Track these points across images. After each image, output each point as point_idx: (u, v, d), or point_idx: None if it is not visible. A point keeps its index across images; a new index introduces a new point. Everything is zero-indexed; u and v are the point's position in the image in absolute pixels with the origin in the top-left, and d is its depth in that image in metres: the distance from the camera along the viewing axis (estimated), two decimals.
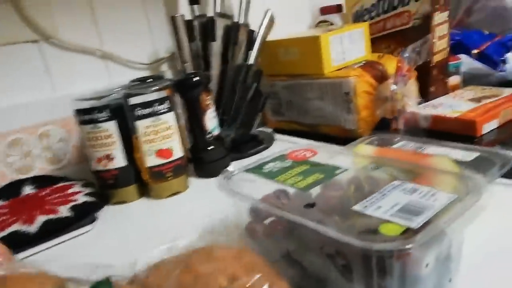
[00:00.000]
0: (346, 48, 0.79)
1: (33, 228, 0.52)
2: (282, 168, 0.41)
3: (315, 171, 0.39)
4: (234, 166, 0.55)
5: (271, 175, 0.39)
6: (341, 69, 0.76)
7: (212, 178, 0.65)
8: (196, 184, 0.64)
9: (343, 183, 0.36)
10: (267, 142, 0.78)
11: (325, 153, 0.43)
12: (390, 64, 0.77)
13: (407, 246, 0.25)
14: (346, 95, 0.73)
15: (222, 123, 0.72)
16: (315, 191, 0.36)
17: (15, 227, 0.53)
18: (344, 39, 0.77)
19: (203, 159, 0.66)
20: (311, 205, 0.33)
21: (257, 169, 0.41)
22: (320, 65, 0.75)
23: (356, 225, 0.30)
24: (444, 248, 0.30)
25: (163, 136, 0.59)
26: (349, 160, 0.43)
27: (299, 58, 0.79)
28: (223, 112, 0.75)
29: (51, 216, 0.54)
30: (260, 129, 0.86)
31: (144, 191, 0.62)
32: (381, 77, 0.76)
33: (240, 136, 0.75)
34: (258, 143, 0.76)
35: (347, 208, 0.31)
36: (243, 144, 0.75)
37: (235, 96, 0.75)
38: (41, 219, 0.54)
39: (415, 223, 0.28)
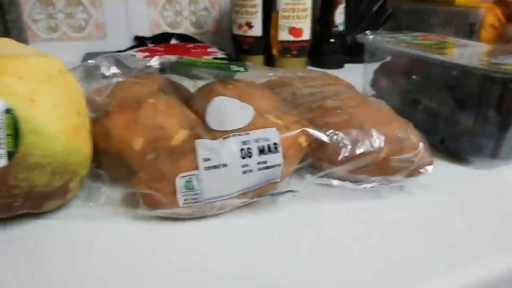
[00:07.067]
0: None
1: None
2: (416, 38, 0.47)
3: (450, 44, 0.45)
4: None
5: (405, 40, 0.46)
6: None
7: (325, 69, 0.73)
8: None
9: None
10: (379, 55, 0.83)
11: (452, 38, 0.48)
12: None
13: None
14: (472, 26, 0.75)
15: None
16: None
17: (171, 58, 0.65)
18: None
19: (322, 49, 0.74)
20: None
21: (393, 38, 0.48)
22: None
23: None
24: None
25: (298, 15, 0.67)
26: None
27: None
28: (347, 18, 0.80)
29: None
30: None
31: (269, 64, 0.72)
32: (511, 17, 0.76)
33: (355, 43, 0.81)
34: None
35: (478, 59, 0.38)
36: (357, 50, 0.81)
37: (361, 6, 0.81)
38: None
39: None
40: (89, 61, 0.37)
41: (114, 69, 0.37)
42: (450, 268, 0.24)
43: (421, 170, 0.31)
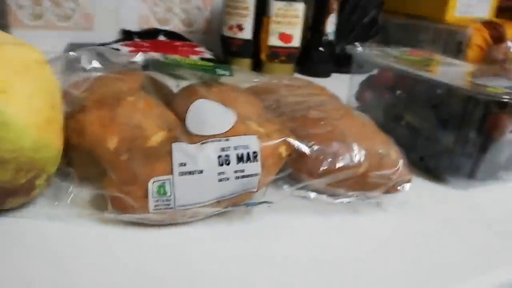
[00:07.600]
0: (473, 3, 0.80)
1: None
2: (404, 53, 0.47)
3: (436, 62, 0.45)
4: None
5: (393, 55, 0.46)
6: None
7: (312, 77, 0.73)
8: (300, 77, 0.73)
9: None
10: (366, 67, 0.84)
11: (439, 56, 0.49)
12: (510, 29, 0.78)
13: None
14: (459, 44, 0.76)
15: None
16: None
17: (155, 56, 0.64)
18: None
19: (311, 57, 0.74)
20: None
21: (382, 51, 0.48)
22: (443, 11, 0.78)
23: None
24: None
25: (289, 21, 0.67)
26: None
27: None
28: (338, 27, 0.80)
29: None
30: None
31: (256, 68, 0.71)
32: (498, 38, 0.77)
33: (344, 54, 0.81)
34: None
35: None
36: (345, 61, 0.81)
37: (353, 17, 0.81)
38: None
39: None
40: (70, 52, 0.35)
41: (95, 63, 0.36)
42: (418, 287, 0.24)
43: (398, 188, 0.31)
